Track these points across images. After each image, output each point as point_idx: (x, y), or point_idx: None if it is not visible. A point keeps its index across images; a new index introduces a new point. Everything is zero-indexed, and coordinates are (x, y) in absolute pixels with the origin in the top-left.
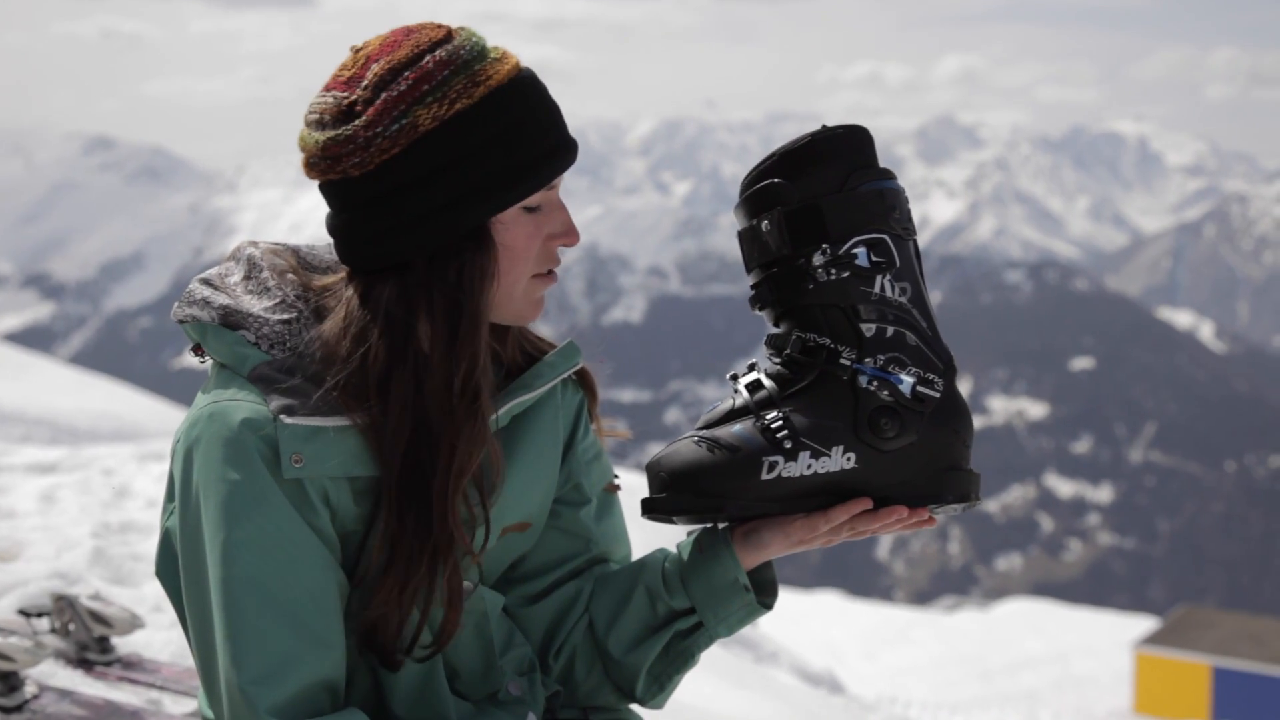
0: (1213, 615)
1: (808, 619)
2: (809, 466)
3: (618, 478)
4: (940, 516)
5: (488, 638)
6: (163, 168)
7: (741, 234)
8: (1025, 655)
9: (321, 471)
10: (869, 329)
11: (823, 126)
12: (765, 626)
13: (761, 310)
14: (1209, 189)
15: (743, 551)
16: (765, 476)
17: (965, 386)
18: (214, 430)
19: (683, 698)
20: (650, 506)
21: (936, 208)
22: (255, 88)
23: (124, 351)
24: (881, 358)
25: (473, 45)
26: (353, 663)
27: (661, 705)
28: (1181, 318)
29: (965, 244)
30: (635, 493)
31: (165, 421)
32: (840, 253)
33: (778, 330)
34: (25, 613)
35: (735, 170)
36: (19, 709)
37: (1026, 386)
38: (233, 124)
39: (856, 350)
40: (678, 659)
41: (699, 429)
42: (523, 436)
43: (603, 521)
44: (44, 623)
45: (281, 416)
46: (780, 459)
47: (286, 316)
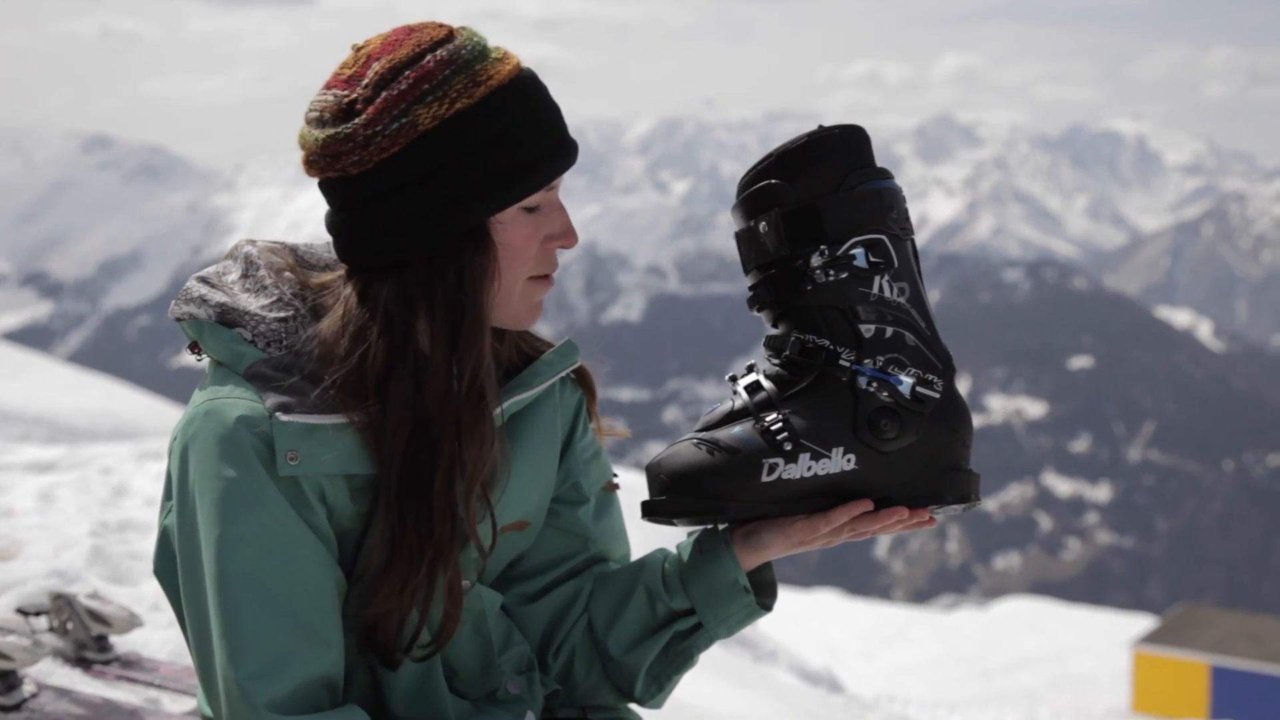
0: (1211, 614)
1: (806, 618)
2: (809, 468)
3: (616, 476)
4: (940, 517)
5: (486, 636)
6: (161, 166)
7: (739, 235)
8: (1024, 654)
9: (317, 469)
10: (868, 330)
11: (819, 127)
12: (764, 625)
13: (760, 311)
14: (1207, 188)
15: (742, 553)
16: (765, 478)
17: (963, 385)
18: (210, 428)
19: (681, 696)
20: (650, 509)
21: (935, 206)
22: (254, 87)
23: (122, 350)
24: (881, 359)
25: (474, 45)
26: (351, 661)
27: (660, 705)
28: (1180, 316)
29: (963, 243)
30: (634, 491)
31: (164, 420)
32: (838, 254)
33: (776, 331)
34: (23, 611)
35: (734, 169)
36: (17, 708)
37: (1025, 385)
38: (231, 123)
39: (856, 351)
40: (677, 659)
41: (698, 431)
42: (521, 435)
43: (601, 520)
44: (42, 621)
45: (277, 414)
46: (780, 461)
47: (283, 315)
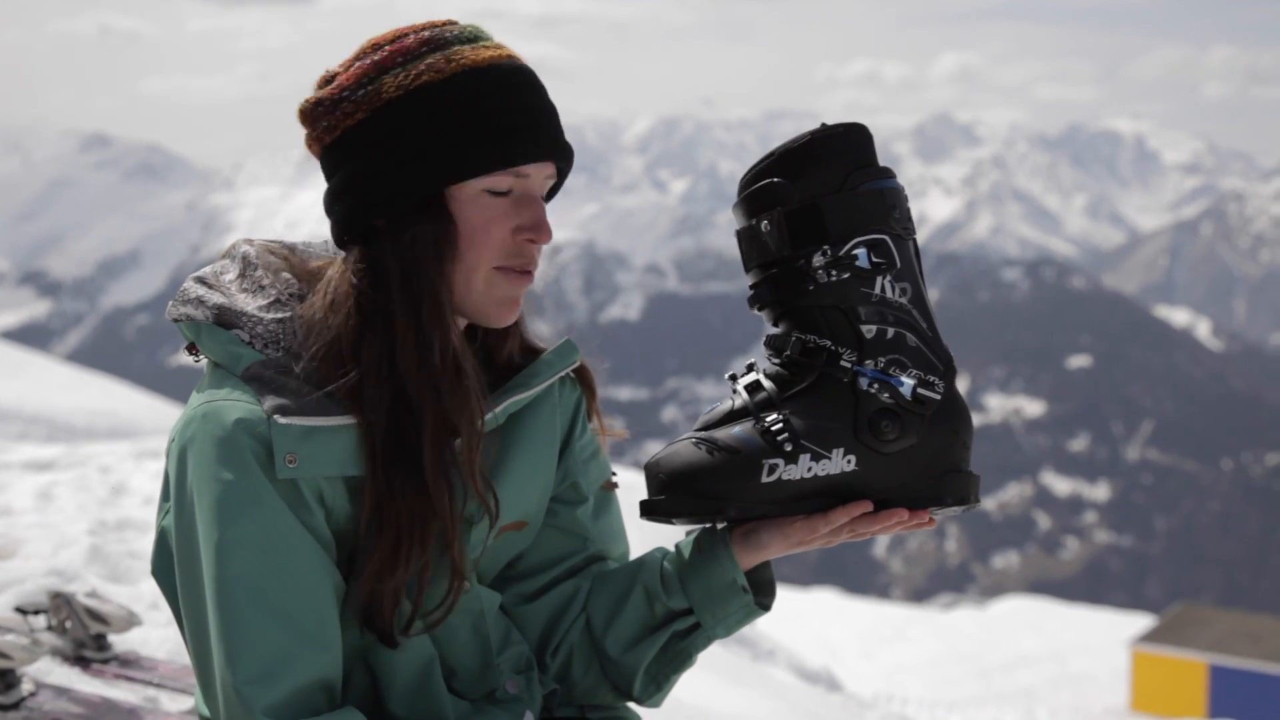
0: (1209, 613)
1: (805, 617)
2: (809, 469)
3: (615, 475)
4: (939, 518)
5: (484, 636)
6: (160, 165)
7: (740, 234)
8: (1022, 653)
9: (316, 471)
10: (869, 330)
11: (822, 125)
12: (762, 624)
13: (760, 310)
14: (1206, 187)
15: (741, 552)
16: (765, 479)
17: (962, 384)
18: (208, 430)
19: (680, 695)
20: (649, 508)
21: (934, 205)
22: (252, 85)
23: (121, 349)
24: (882, 359)
25: (463, 31)
26: (350, 662)
27: (659, 704)
28: (1178, 316)
29: (962, 242)
30: (633, 490)
31: (162, 419)
32: (841, 254)
33: (777, 331)
34: (22, 610)
35: (733, 168)
36: (15, 706)
37: (1023, 384)
38: (230, 121)
39: (857, 352)
40: (675, 659)
41: (698, 430)
42: (520, 434)
43: (600, 520)
44: (41, 620)
45: (276, 417)
46: (780, 461)
47: (280, 315)
